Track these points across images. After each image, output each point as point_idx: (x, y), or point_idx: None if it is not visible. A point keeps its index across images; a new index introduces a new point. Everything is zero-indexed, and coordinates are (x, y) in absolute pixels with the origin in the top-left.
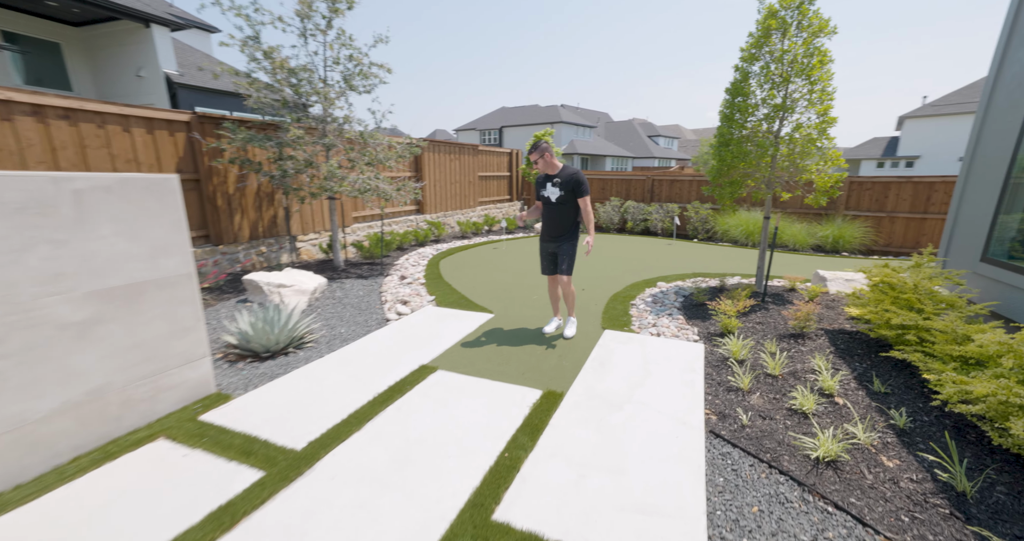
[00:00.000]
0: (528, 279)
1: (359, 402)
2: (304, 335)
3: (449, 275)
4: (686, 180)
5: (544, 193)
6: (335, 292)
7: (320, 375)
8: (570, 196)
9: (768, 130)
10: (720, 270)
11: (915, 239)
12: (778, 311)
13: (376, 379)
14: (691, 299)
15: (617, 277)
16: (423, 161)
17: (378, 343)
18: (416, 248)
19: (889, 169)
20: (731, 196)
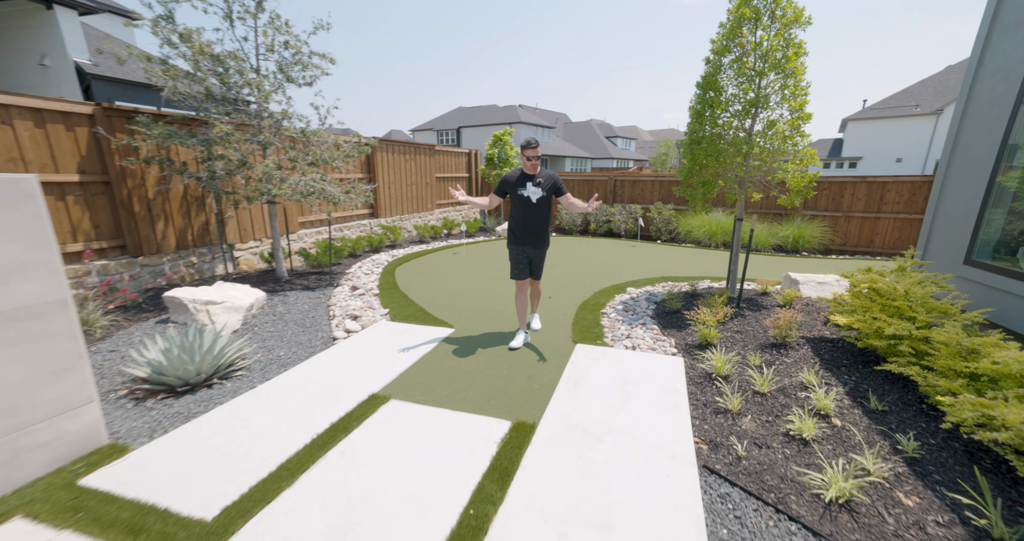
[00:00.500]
0: (491, 286)
1: (294, 447)
2: (234, 361)
3: (405, 284)
4: (648, 181)
5: (524, 193)
6: (276, 307)
7: (248, 412)
8: (549, 196)
9: (740, 127)
10: (688, 273)
11: (869, 238)
12: (755, 318)
13: (317, 414)
14: (664, 306)
15: (585, 282)
16: (376, 162)
17: (322, 368)
18: (370, 255)
19: (835, 169)
20: (703, 197)
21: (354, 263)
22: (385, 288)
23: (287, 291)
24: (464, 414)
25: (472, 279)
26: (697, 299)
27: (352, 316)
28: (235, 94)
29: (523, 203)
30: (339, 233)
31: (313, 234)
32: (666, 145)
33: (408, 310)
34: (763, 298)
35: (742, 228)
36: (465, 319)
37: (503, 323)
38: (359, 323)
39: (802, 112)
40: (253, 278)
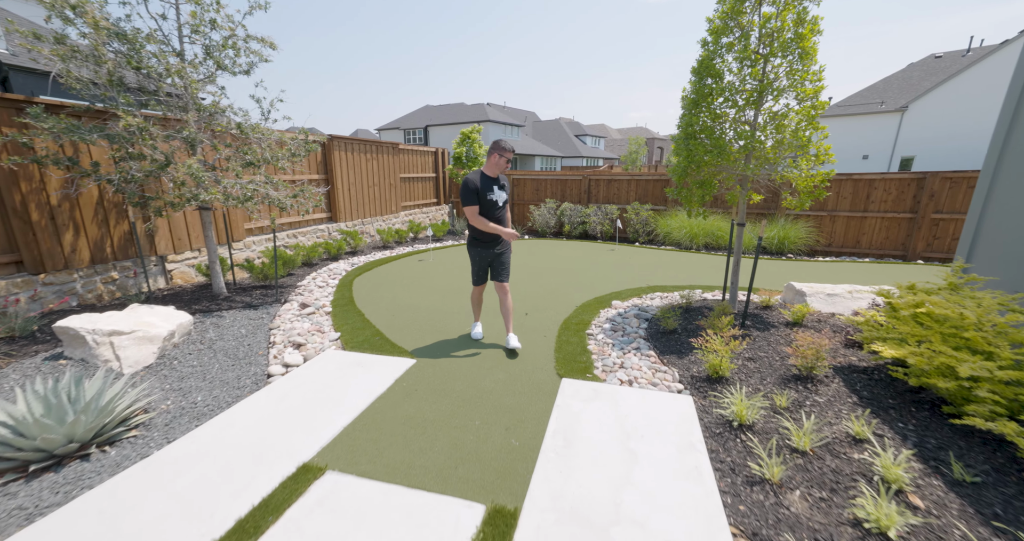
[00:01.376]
0: (459, 300)
1: None
2: (129, 416)
3: (364, 299)
4: (624, 180)
5: (493, 197)
6: (206, 333)
7: (126, 501)
8: (508, 198)
9: (741, 119)
10: (676, 281)
11: (855, 238)
12: (766, 340)
13: (222, 503)
14: (658, 325)
15: (564, 294)
16: (333, 161)
17: (246, 420)
18: (327, 263)
19: None
20: (700, 199)
21: (309, 273)
22: (340, 305)
23: (224, 311)
24: (423, 495)
25: (438, 292)
26: (694, 315)
27: (295, 344)
28: (155, 83)
29: (491, 206)
30: (293, 240)
31: (263, 242)
32: (636, 143)
33: (363, 334)
34: (767, 313)
35: (743, 233)
36: (429, 345)
37: (472, 350)
38: (302, 353)
39: (816, 100)
40: (186, 296)
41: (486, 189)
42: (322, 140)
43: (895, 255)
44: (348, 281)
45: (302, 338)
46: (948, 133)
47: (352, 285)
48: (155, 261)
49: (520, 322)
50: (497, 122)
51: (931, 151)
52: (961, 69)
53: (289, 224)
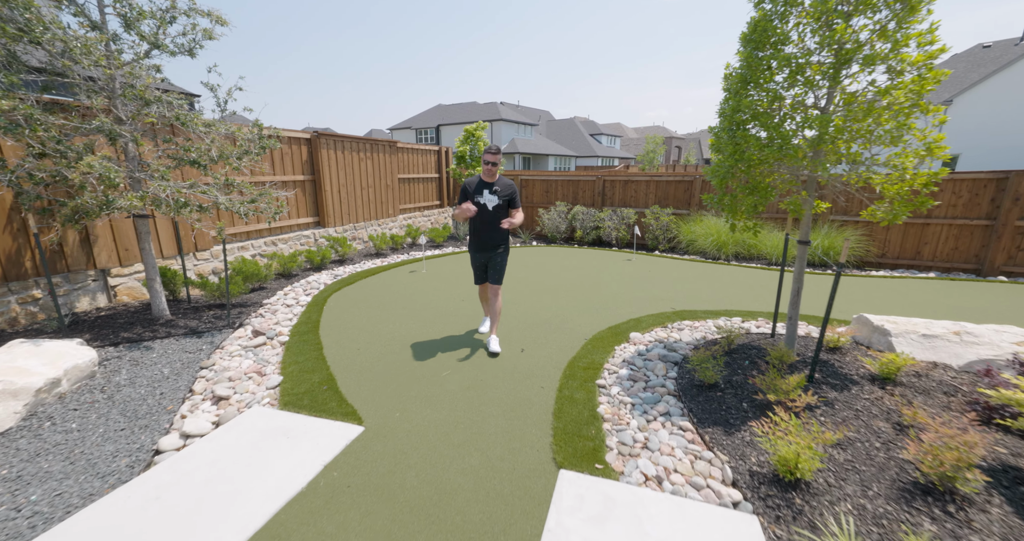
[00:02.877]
0: (445, 326)
1: None
2: None
3: (332, 324)
4: (642, 181)
5: (481, 200)
6: (115, 376)
7: None
8: (506, 205)
9: (808, 102)
10: (707, 303)
11: (915, 248)
12: (851, 408)
13: None
14: (692, 375)
15: (571, 320)
16: (320, 161)
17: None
18: (309, 274)
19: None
20: (751, 209)
21: (284, 287)
22: (300, 333)
23: (157, 340)
24: None
25: (423, 314)
26: (739, 357)
27: (216, 397)
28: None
29: (480, 211)
30: (271, 248)
31: (234, 250)
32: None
33: (311, 379)
34: (839, 359)
35: (801, 254)
36: (390, 398)
37: (445, 408)
38: (219, 412)
39: (928, 69)
40: (122, 319)
41: (476, 193)
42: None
43: (966, 269)
44: (323, 298)
45: (231, 385)
46: (998, 128)
47: (325, 304)
48: (94, 275)
49: (514, 362)
50: (510, 121)
51: (978, 148)
52: (1015, 59)
53: (268, 230)
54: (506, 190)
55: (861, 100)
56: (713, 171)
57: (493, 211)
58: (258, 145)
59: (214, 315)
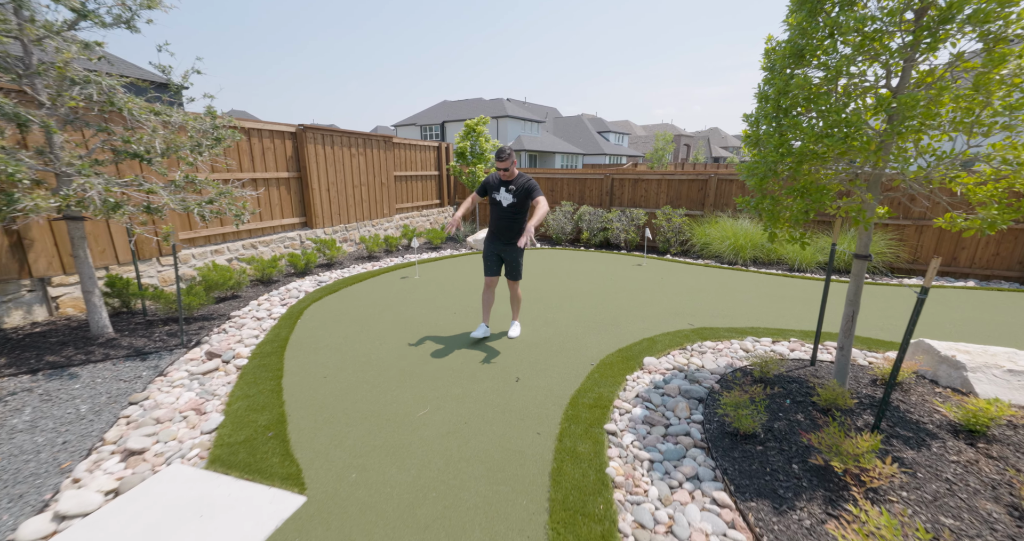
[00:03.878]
0: (439, 343)
1: None
2: None
3: (303, 342)
4: (653, 180)
5: (497, 197)
6: (9, 418)
7: None
8: (523, 201)
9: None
10: (729, 317)
11: (950, 254)
12: (936, 474)
13: None
14: (720, 420)
15: (575, 339)
16: (307, 157)
17: None
18: (291, 280)
19: None
20: (801, 216)
21: (261, 294)
22: (263, 354)
23: (90, 364)
24: None
25: (408, 330)
26: (779, 397)
27: (126, 451)
28: None
29: (496, 206)
30: (250, 252)
31: (207, 254)
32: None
33: (256, 423)
34: (903, 399)
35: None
36: (346, 455)
37: (416, 465)
38: (126, 473)
39: None
40: (55, 337)
41: (493, 189)
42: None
43: (1008, 277)
44: (299, 310)
45: (153, 431)
46: None
47: (301, 316)
48: (29, 285)
49: (507, 396)
50: (516, 117)
51: None
52: None
53: (248, 232)
54: (521, 188)
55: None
56: (749, 169)
57: (508, 208)
58: (212, 136)
59: (169, 331)
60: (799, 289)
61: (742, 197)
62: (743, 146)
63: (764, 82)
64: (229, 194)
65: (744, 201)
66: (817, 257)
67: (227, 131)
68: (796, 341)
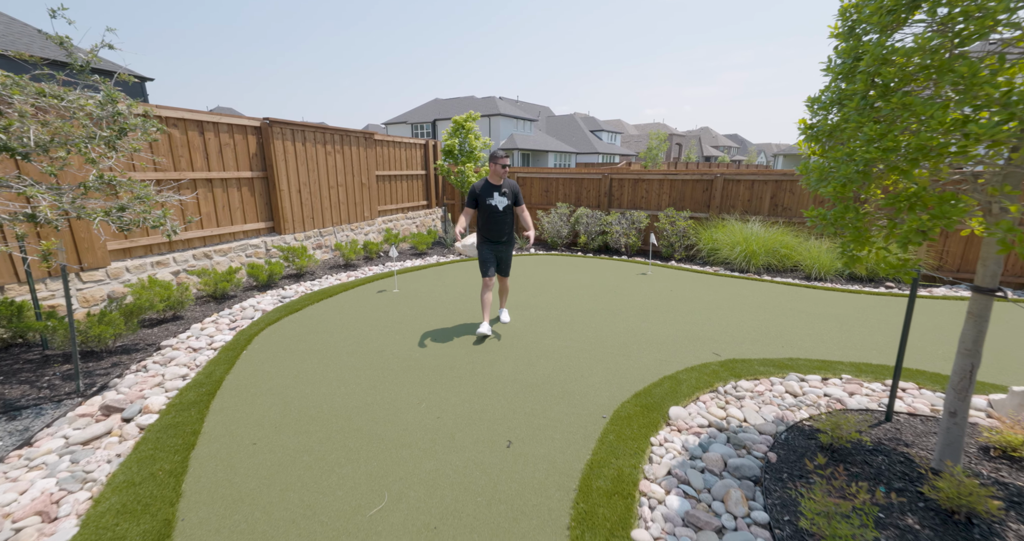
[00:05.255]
0: (413, 385)
1: None
2: None
3: (241, 386)
4: (655, 179)
5: (492, 202)
6: None
7: None
8: (512, 204)
9: None
10: (761, 345)
11: (975, 260)
12: None
13: None
14: (798, 528)
15: (580, 378)
16: (274, 154)
17: None
18: (251, 295)
19: None
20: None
21: (210, 314)
22: (183, 406)
23: None
24: None
25: (376, 366)
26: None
27: None
28: None
29: (491, 211)
30: (203, 262)
31: (147, 266)
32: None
33: (127, 539)
34: None
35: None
36: None
37: None
38: None
39: None
40: None
41: (485, 195)
42: (145, 112)
43: None
44: (250, 335)
45: None
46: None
47: (249, 345)
48: None
49: (494, 476)
50: (508, 116)
51: None
52: None
53: (202, 239)
54: (511, 190)
55: None
56: (822, 172)
57: (503, 211)
58: (115, 126)
59: (68, 372)
60: (827, 303)
61: (815, 209)
62: (801, 142)
63: (842, 52)
64: (147, 199)
65: (818, 214)
66: (837, 264)
67: (139, 120)
68: (851, 379)
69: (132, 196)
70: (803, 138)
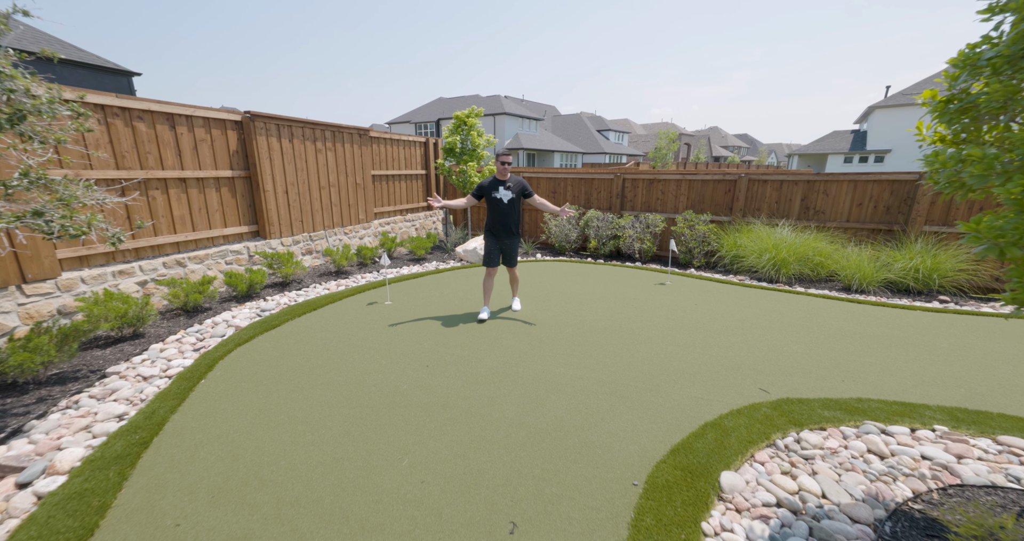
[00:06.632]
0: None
1: None
2: None
3: (184, 433)
4: (671, 180)
5: (497, 195)
6: None
7: None
8: (517, 198)
9: None
10: (814, 376)
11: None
12: None
13: None
14: None
15: (599, 421)
16: (257, 151)
17: None
18: (228, 307)
19: (857, 165)
20: None
21: (175, 332)
22: (103, 463)
23: None
24: None
25: (358, 399)
26: None
27: None
28: None
29: (497, 204)
30: (174, 271)
31: (107, 276)
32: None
33: None
34: None
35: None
36: None
37: None
38: None
39: None
40: None
41: (491, 189)
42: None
43: None
44: (215, 358)
45: None
46: None
47: (210, 371)
48: None
49: None
50: (514, 115)
51: None
52: None
53: (174, 245)
54: (517, 185)
55: None
56: (985, 165)
57: (508, 204)
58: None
59: None
60: (880, 322)
61: (983, 217)
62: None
63: None
64: (69, 201)
65: (985, 227)
66: (881, 274)
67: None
68: (950, 433)
69: (54, 198)
70: (935, 117)
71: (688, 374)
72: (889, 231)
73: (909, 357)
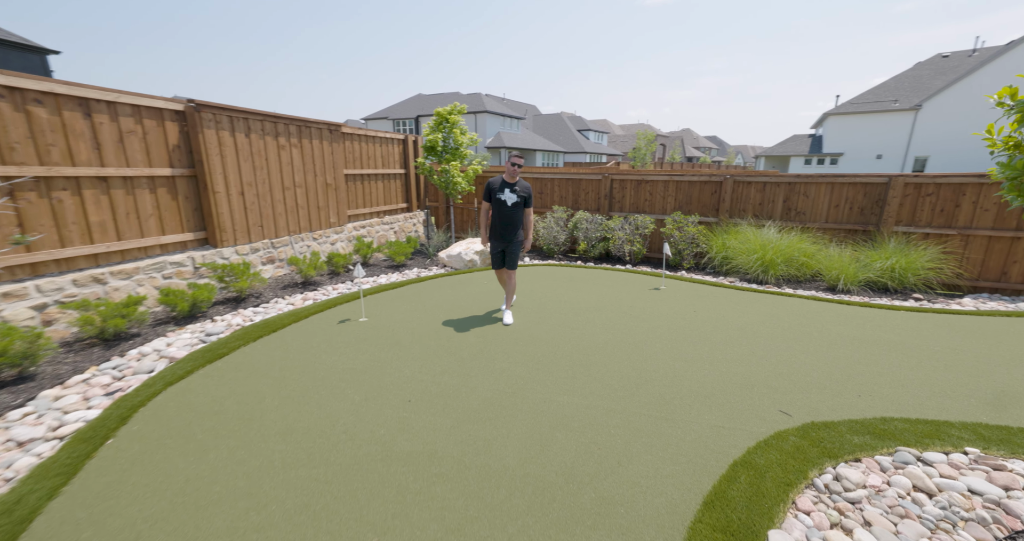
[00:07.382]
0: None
1: None
2: None
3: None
4: (659, 181)
5: (502, 197)
6: None
7: None
8: (521, 202)
9: None
10: (837, 397)
11: (999, 269)
12: None
13: None
14: None
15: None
16: (206, 147)
17: None
18: (167, 330)
19: (816, 166)
20: None
21: (84, 369)
22: None
23: None
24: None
25: (321, 454)
26: None
27: None
28: None
29: (500, 205)
30: (92, 289)
31: (47, 289)
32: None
33: None
34: None
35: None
36: None
37: None
38: None
39: None
40: None
41: (498, 190)
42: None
43: None
44: (133, 405)
45: None
46: (961, 134)
47: (123, 426)
48: None
49: None
50: (495, 113)
51: (945, 151)
52: (972, 69)
53: (89, 258)
54: (523, 190)
55: None
56: None
57: (512, 207)
58: None
59: None
60: (875, 325)
61: None
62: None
63: None
64: None
65: None
66: (860, 274)
67: None
68: (984, 458)
69: None
70: None
71: (702, 395)
72: (864, 231)
73: (911, 364)
